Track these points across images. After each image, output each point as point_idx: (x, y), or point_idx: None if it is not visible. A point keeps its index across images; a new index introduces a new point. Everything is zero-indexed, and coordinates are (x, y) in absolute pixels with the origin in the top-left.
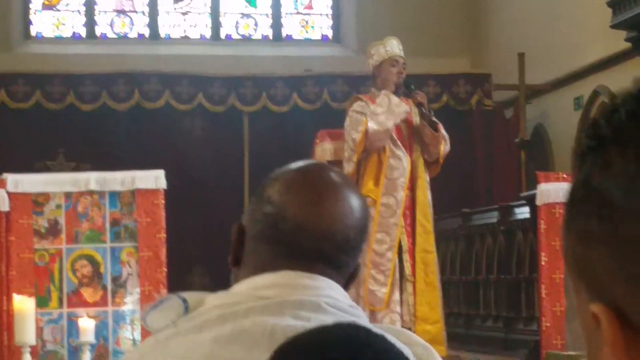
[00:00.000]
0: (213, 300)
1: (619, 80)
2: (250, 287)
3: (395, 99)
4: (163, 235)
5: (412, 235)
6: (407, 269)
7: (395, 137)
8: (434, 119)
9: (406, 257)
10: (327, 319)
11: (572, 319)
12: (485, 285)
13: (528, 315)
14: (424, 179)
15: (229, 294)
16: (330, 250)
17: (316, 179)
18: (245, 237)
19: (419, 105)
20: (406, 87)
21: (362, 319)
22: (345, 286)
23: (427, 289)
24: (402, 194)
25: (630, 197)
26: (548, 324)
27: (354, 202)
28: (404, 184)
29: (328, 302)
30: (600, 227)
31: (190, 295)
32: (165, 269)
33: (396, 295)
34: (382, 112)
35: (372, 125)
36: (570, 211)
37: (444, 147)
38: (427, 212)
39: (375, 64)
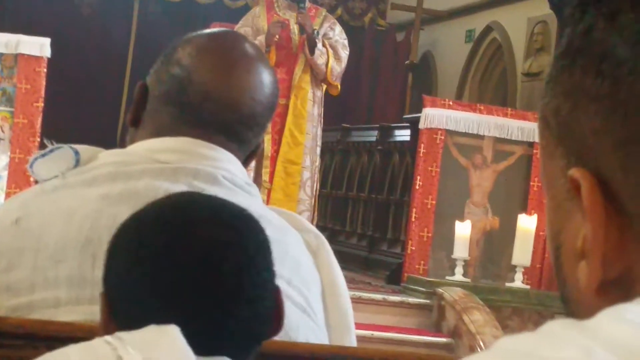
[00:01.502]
0: (107, 157)
1: (512, 19)
2: (148, 148)
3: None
4: (41, 104)
5: (278, 143)
6: (265, 175)
7: (283, 44)
8: (317, 40)
9: (266, 163)
10: (222, 192)
11: (436, 247)
12: (354, 203)
13: (393, 238)
14: (307, 90)
15: (125, 152)
16: (235, 123)
17: (230, 48)
18: (148, 97)
19: (300, 24)
20: (297, 4)
21: (256, 197)
22: (245, 163)
23: (284, 199)
24: None
25: (637, 53)
26: (413, 248)
27: (266, 77)
28: None
29: (225, 175)
30: (596, 83)
31: (83, 149)
32: (38, 139)
33: None
34: (243, 26)
35: None
36: (560, 64)
37: (333, 69)
38: (302, 124)
39: None
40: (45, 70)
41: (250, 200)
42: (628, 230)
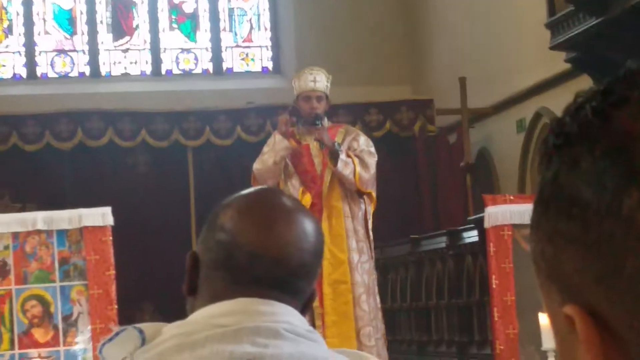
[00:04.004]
0: (170, 330)
1: (560, 101)
2: (207, 315)
3: (278, 137)
4: (112, 272)
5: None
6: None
7: (306, 169)
8: (339, 151)
9: None
10: (285, 345)
11: (525, 342)
12: (436, 311)
13: (481, 339)
14: (339, 207)
15: (186, 323)
16: (286, 276)
17: (268, 205)
18: (200, 265)
19: (318, 140)
20: (312, 124)
21: (320, 343)
22: (302, 311)
23: (339, 320)
24: None
25: (599, 195)
26: (502, 347)
27: (308, 226)
28: None
29: (286, 327)
30: (569, 226)
31: (147, 326)
32: (115, 306)
33: None
34: (267, 152)
35: (255, 166)
36: (538, 210)
37: (361, 176)
38: (341, 242)
39: (294, 98)
40: (110, 238)
41: (314, 347)
42: (626, 356)
